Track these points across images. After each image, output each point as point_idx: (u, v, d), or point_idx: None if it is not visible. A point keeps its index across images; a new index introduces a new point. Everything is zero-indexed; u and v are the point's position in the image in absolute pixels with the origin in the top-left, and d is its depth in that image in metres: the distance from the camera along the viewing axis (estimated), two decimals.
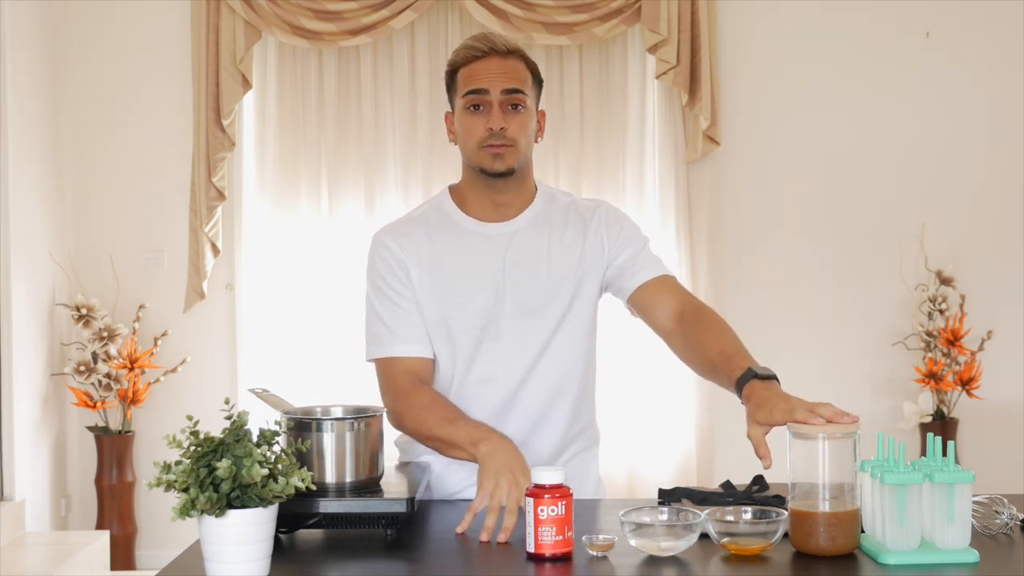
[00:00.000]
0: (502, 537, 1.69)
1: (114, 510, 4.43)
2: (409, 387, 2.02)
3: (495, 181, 2.04)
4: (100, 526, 4.43)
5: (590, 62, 4.63)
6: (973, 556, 1.55)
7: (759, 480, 1.90)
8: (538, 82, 2.08)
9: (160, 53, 4.63)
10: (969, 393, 4.43)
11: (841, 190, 4.66)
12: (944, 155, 4.66)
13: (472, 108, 2.01)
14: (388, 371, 2.06)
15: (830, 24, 4.67)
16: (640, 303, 2.07)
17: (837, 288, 4.66)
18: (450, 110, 2.10)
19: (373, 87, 4.62)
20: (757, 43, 4.67)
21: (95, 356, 4.38)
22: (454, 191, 2.13)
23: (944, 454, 1.61)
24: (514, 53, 2.03)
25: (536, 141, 2.08)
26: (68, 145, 4.61)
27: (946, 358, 4.44)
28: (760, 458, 1.68)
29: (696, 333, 1.96)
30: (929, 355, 4.45)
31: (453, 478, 2.06)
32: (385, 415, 2.03)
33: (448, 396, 2.04)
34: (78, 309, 4.39)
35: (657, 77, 4.51)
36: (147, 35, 4.64)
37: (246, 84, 4.49)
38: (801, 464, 1.61)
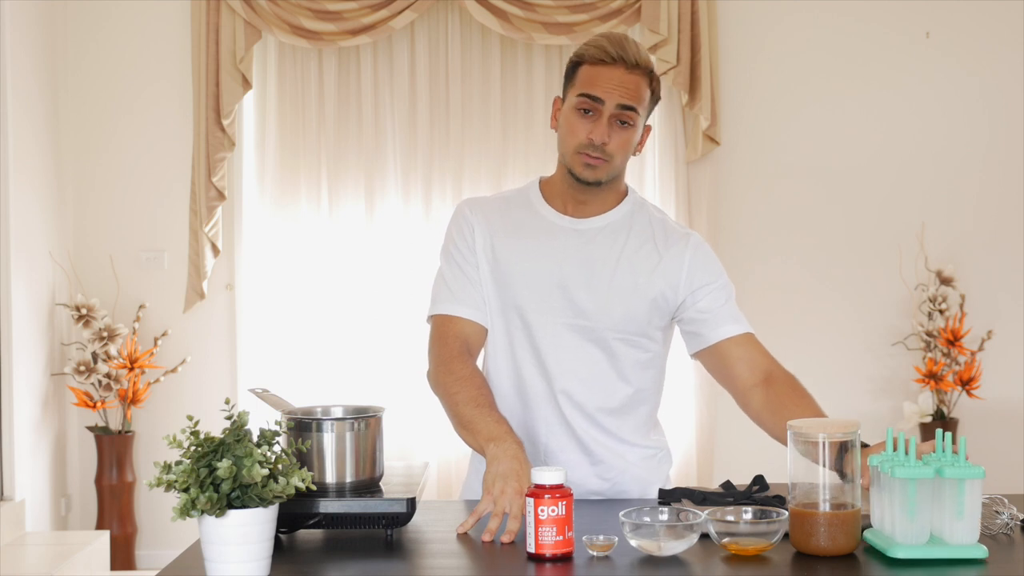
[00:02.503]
0: (506, 538, 1.69)
1: (114, 510, 4.43)
2: (456, 354, 2.02)
3: (580, 184, 2.03)
4: (100, 526, 4.43)
5: None
6: (982, 551, 1.55)
7: (759, 480, 1.90)
8: (654, 99, 2.04)
9: (160, 53, 4.63)
10: (969, 393, 4.43)
11: (841, 190, 4.66)
12: (944, 155, 4.66)
13: (582, 111, 1.99)
14: (441, 329, 2.06)
15: (830, 24, 4.66)
16: (723, 355, 2.05)
17: (837, 288, 4.66)
18: (561, 96, 2.06)
19: (373, 87, 4.62)
20: (757, 43, 4.67)
21: (95, 356, 4.37)
22: (543, 181, 2.13)
23: (955, 451, 1.61)
24: (640, 67, 1.99)
25: (634, 154, 2.05)
26: (68, 145, 4.61)
27: (946, 358, 4.44)
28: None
29: (789, 400, 1.97)
30: (929, 355, 4.45)
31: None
32: (425, 374, 2.06)
33: (499, 375, 2.06)
34: (78, 309, 4.39)
35: None
36: (147, 35, 4.64)
37: (246, 84, 4.49)
38: (801, 464, 1.61)
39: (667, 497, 1.86)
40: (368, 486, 1.73)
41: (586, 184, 2.02)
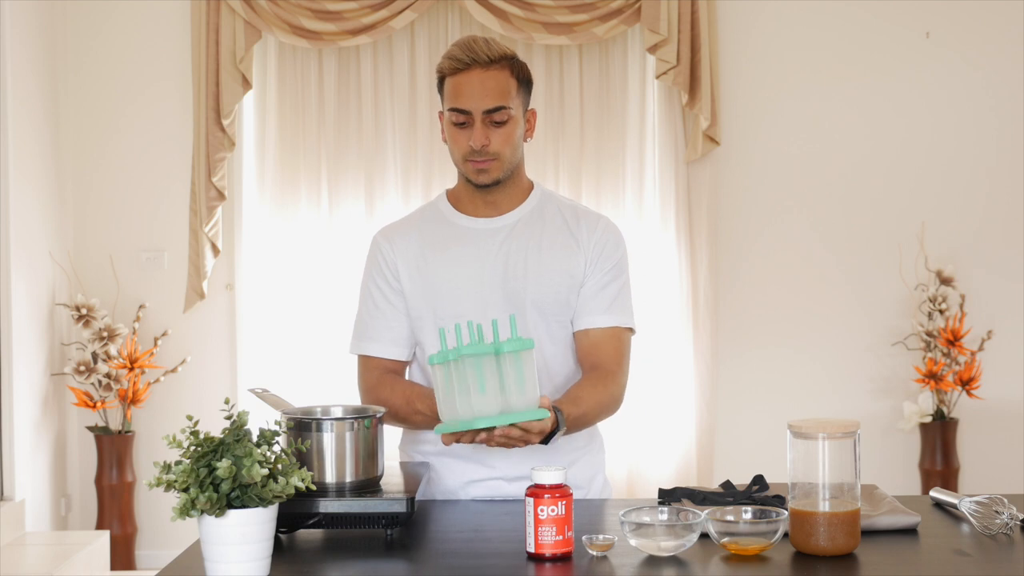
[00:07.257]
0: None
1: (114, 510, 4.43)
2: (375, 382, 2.09)
3: (482, 188, 2.08)
4: (100, 526, 4.43)
5: (590, 62, 4.63)
6: (543, 413, 1.71)
7: (759, 480, 1.90)
8: (525, 84, 2.07)
9: (160, 53, 4.63)
10: (969, 393, 4.43)
11: (841, 190, 4.66)
12: (944, 155, 4.66)
13: (457, 124, 2.03)
14: (361, 367, 2.15)
15: (830, 24, 4.66)
16: (579, 345, 2.11)
17: (837, 288, 4.66)
18: (442, 109, 2.12)
19: (373, 87, 4.62)
20: (757, 43, 4.67)
21: (95, 356, 4.37)
22: (450, 192, 2.19)
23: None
24: (497, 62, 2.03)
25: (525, 141, 2.10)
26: (68, 145, 4.61)
27: (946, 358, 4.44)
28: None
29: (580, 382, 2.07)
30: (929, 355, 4.45)
31: (451, 475, 2.07)
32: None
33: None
34: (78, 309, 4.39)
35: (657, 77, 4.50)
36: (147, 35, 4.64)
37: (246, 84, 4.49)
38: (801, 464, 1.61)
39: (667, 497, 1.86)
40: (368, 486, 1.73)
41: (485, 187, 2.07)
